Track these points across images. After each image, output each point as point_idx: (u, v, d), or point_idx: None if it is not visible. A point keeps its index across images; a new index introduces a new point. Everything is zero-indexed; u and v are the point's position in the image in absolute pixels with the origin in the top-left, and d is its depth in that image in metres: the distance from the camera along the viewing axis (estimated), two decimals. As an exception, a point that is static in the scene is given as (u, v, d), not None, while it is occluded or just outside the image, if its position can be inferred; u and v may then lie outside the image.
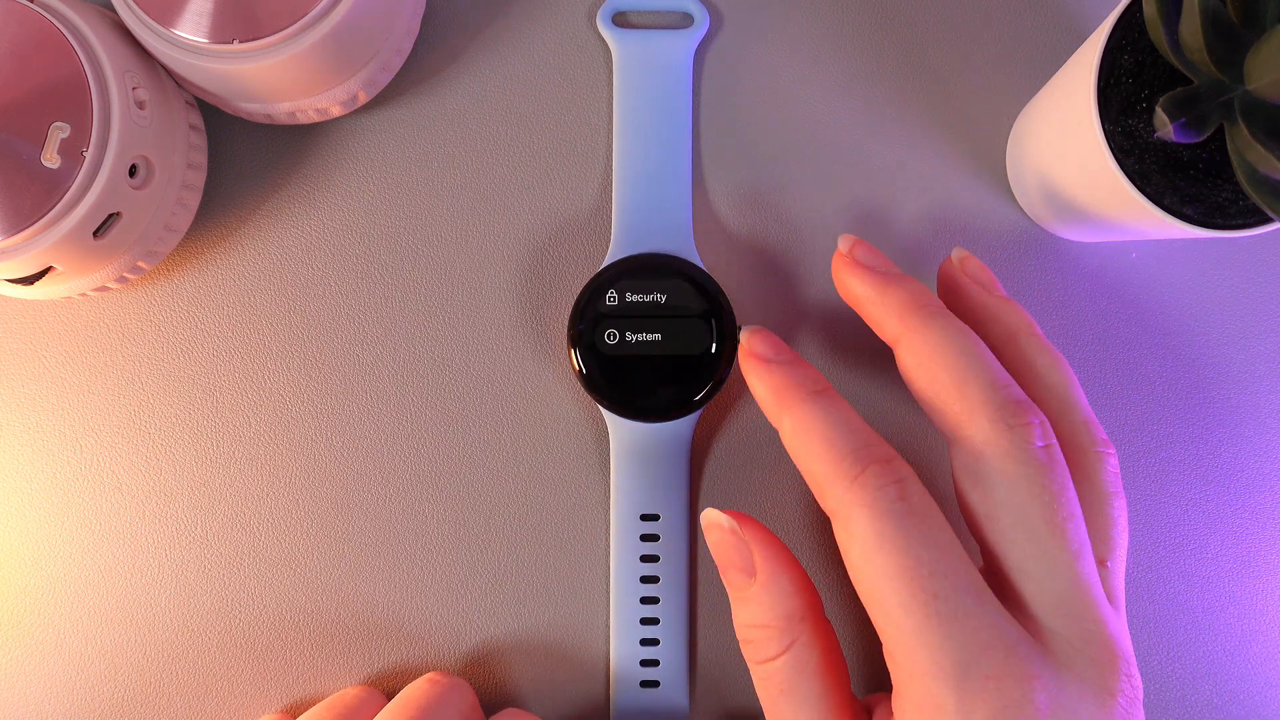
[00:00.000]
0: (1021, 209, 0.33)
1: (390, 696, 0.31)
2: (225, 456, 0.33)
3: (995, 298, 0.28)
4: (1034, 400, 0.26)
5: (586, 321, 0.30)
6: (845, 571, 0.32)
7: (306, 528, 0.33)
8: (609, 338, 0.30)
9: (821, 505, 0.25)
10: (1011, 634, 0.23)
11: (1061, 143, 0.28)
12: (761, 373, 0.27)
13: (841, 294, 0.28)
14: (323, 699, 0.32)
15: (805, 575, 0.27)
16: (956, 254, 0.29)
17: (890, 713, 0.25)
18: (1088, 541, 0.24)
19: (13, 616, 0.32)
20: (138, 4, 0.28)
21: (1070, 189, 0.29)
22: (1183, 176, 0.26)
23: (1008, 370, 0.26)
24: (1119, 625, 0.24)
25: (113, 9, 0.29)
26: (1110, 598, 0.25)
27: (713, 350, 0.30)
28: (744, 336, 0.28)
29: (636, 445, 0.32)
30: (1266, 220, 0.26)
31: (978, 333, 0.26)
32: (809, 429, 0.25)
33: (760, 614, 0.26)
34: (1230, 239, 0.33)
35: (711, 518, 0.28)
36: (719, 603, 0.33)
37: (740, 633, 0.27)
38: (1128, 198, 0.26)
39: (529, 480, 0.33)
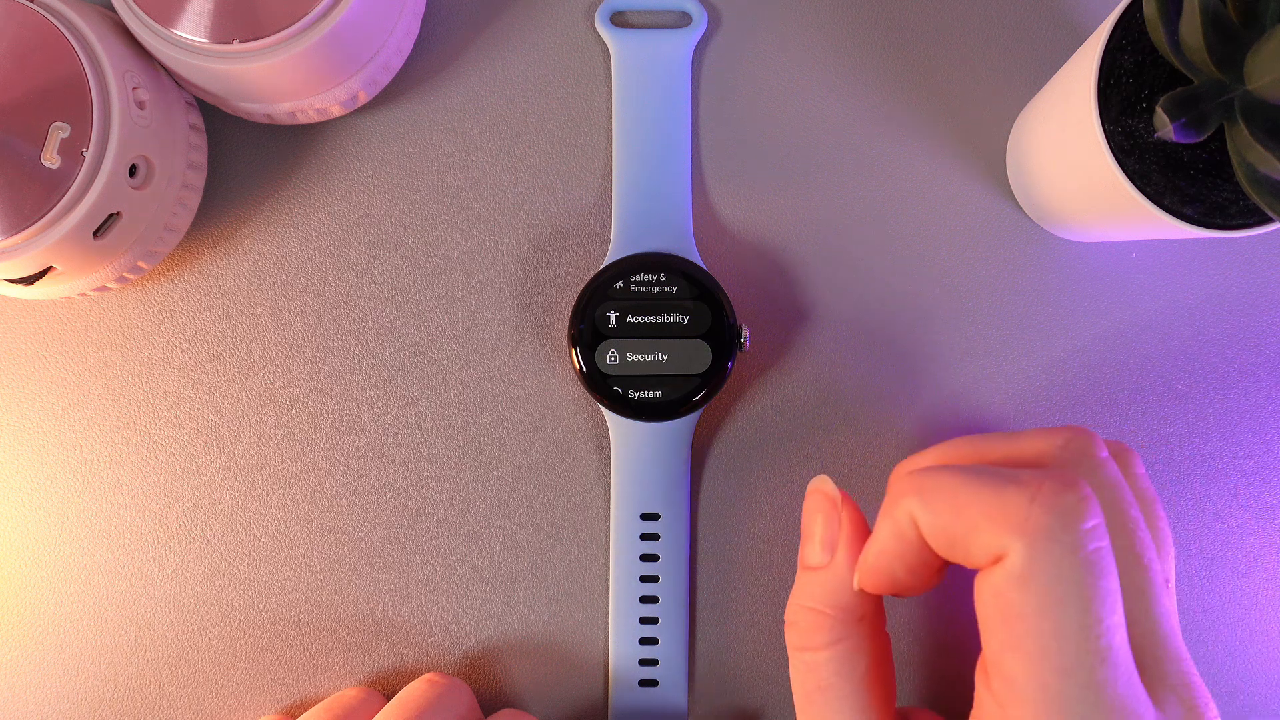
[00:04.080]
0: (1021, 209, 0.33)
1: (389, 697, 0.31)
2: (225, 456, 0.33)
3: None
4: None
5: (586, 321, 0.30)
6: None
7: (306, 528, 0.33)
8: (609, 338, 0.30)
9: (981, 557, 0.21)
10: (1144, 703, 0.21)
11: (1061, 143, 0.28)
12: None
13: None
14: (322, 699, 0.32)
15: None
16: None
17: None
18: (1162, 571, 0.23)
19: (13, 616, 0.32)
20: (138, 4, 0.28)
21: (1070, 189, 0.29)
22: (1183, 176, 0.26)
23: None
24: (1188, 658, 0.23)
25: (113, 9, 0.29)
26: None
27: (714, 349, 0.30)
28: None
29: (636, 445, 0.32)
30: (1266, 220, 0.26)
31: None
32: (941, 488, 0.22)
33: (820, 597, 0.25)
34: (1230, 239, 0.33)
35: (819, 483, 0.26)
36: (719, 603, 0.33)
37: (791, 614, 0.26)
38: (1128, 198, 0.26)
39: (529, 480, 0.33)
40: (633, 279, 0.31)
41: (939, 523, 0.22)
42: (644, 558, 0.32)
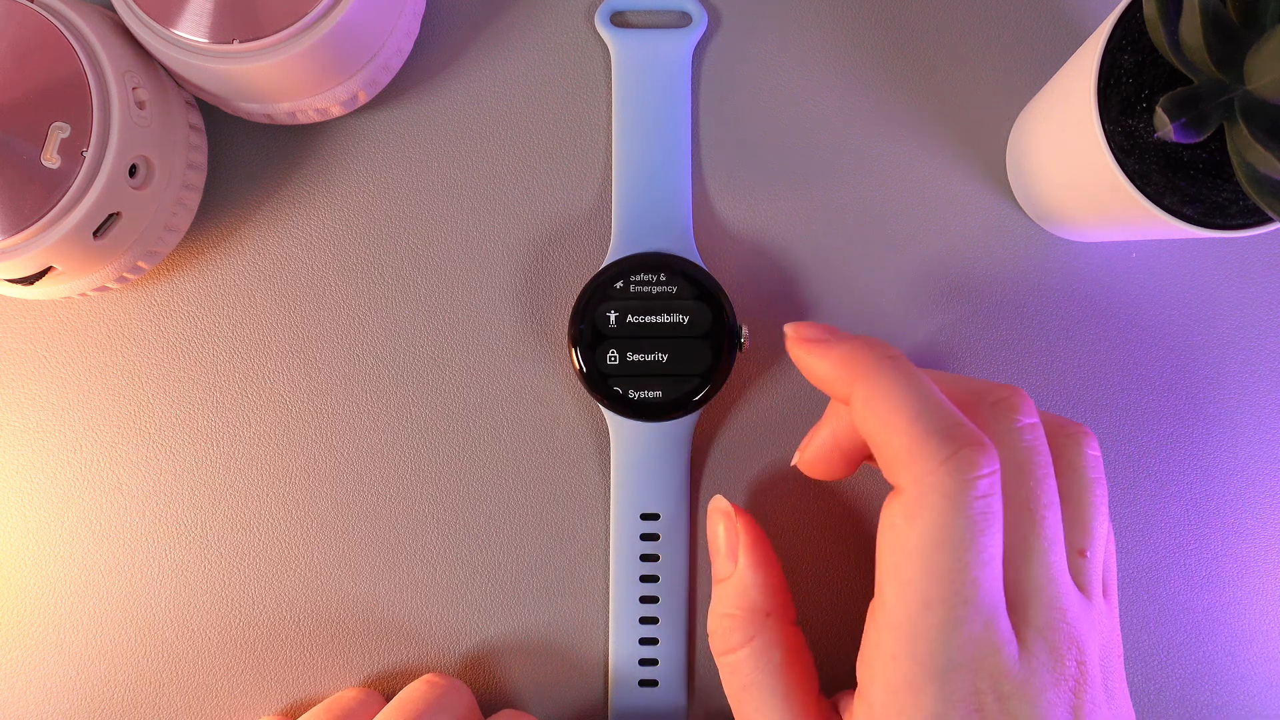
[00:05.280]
0: (1021, 209, 0.33)
1: (389, 697, 0.31)
2: (225, 456, 0.33)
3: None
4: None
5: (587, 321, 0.30)
6: (841, 570, 0.32)
7: (306, 528, 0.33)
8: (609, 337, 0.30)
9: (889, 477, 0.24)
10: (1003, 638, 0.23)
11: (1061, 143, 0.28)
12: (820, 352, 0.26)
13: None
14: (322, 699, 0.32)
15: (782, 579, 0.28)
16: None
17: (854, 702, 0.26)
18: (1061, 531, 0.25)
19: (13, 616, 0.32)
20: (138, 4, 0.28)
21: (1070, 189, 0.29)
22: (1183, 176, 0.26)
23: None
24: (1083, 614, 0.24)
25: (113, 9, 0.29)
26: (1085, 587, 0.25)
27: (714, 349, 0.30)
28: (788, 329, 0.28)
29: (636, 445, 0.32)
30: (1266, 220, 0.26)
31: None
32: (887, 397, 0.24)
33: (730, 603, 0.27)
34: (1230, 239, 0.33)
35: (716, 502, 0.29)
36: (719, 603, 0.33)
37: (710, 624, 0.28)
38: (1128, 198, 0.26)
39: (529, 480, 0.33)
40: (633, 279, 0.31)
41: (871, 428, 0.24)
42: (644, 558, 0.32)
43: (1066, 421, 0.27)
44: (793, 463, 0.29)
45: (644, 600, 0.32)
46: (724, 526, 0.28)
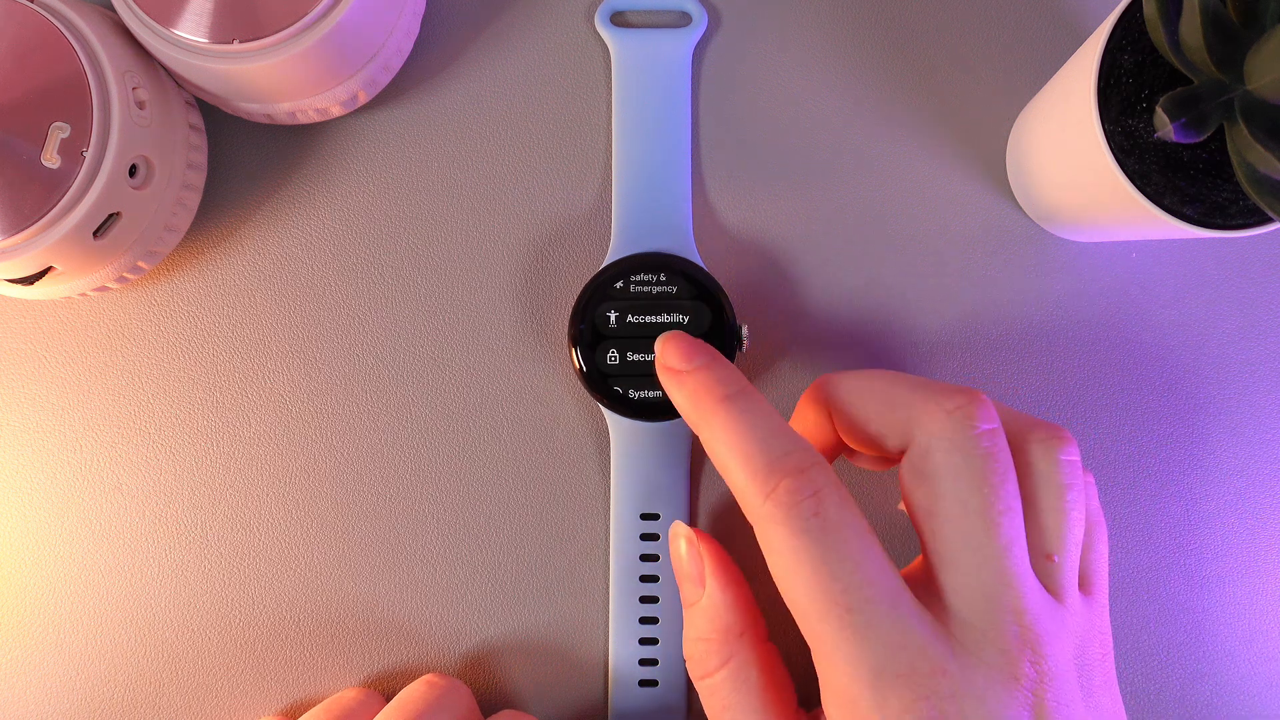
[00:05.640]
0: (1021, 209, 0.33)
1: (389, 698, 0.31)
2: (225, 456, 0.33)
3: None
4: None
5: (587, 321, 0.30)
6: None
7: (306, 528, 0.33)
8: (609, 337, 0.30)
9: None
10: (924, 634, 0.23)
11: (1061, 143, 0.28)
12: (675, 385, 0.28)
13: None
14: (322, 699, 0.32)
15: (750, 596, 0.28)
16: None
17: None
18: (1022, 534, 0.25)
19: (13, 616, 0.32)
20: (138, 4, 0.28)
21: (1070, 189, 0.29)
22: (1183, 176, 0.26)
23: None
24: (1048, 616, 0.24)
25: (113, 9, 0.29)
26: (1056, 590, 0.25)
27: (713, 350, 0.30)
28: (658, 346, 0.29)
29: (636, 445, 0.32)
30: (1266, 220, 0.26)
31: None
32: (724, 439, 0.26)
33: (703, 628, 0.28)
34: (1230, 239, 0.33)
35: (676, 529, 0.29)
36: (719, 603, 0.33)
37: (686, 650, 0.28)
38: (1128, 198, 0.26)
39: (529, 480, 0.33)
40: (633, 279, 0.31)
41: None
42: (644, 558, 0.32)
43: (1040, 424, 0.27)
44: None
45: (644, 600, 0.32)
46: (687, 550, 0.28)
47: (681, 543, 0.29)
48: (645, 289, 0.31)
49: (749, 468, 0.25)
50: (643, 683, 0.32)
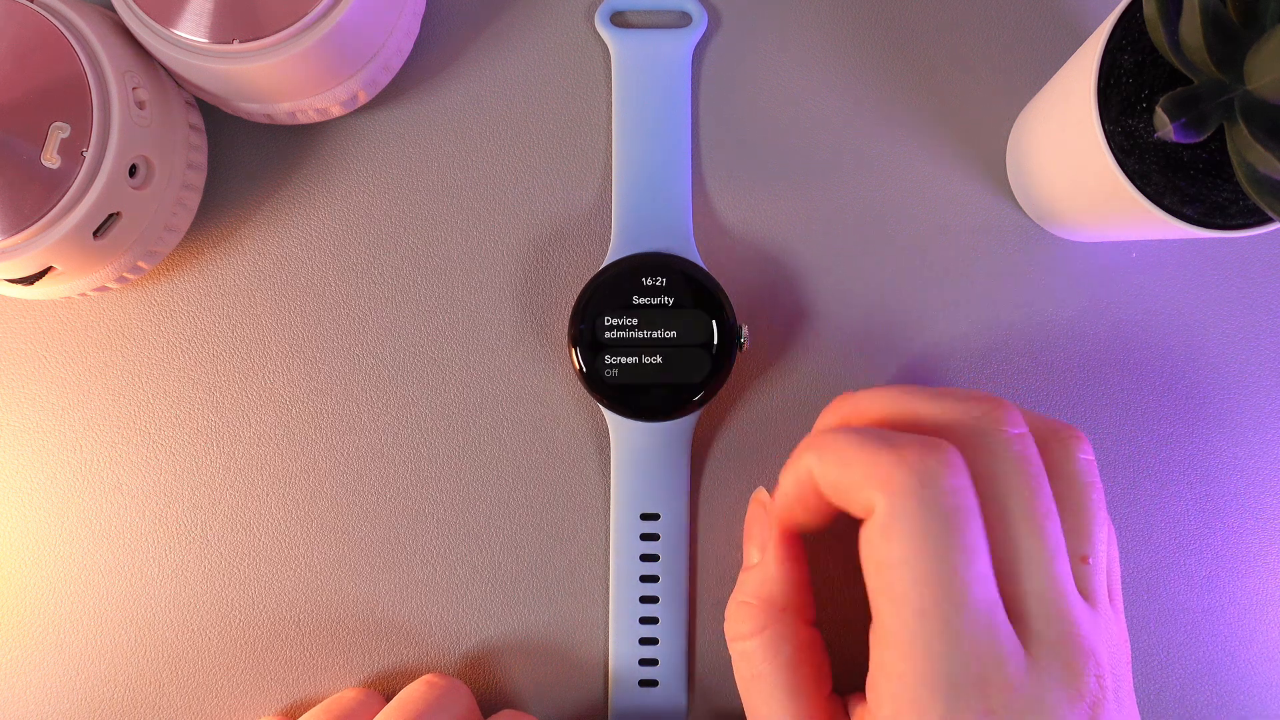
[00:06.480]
0: (1021, 209, 0.33)
1: (389, 698, 0.31)
2: (225, 456, 0.33)
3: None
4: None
5: (587, 321, 0.30)
6: (846, 575, 0.32)
7: (306, 528, 0.33)
8: (609, 338, 0.30)
9: (852, 508, 0.25)
10: (1007, 647, 0.23)
11: (1061, 143, 0.28)
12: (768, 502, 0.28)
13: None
14: (322, 699, 0.32)
15: (805, 580, 0.28)
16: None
17: (864, 708, 0.25)
18: (1063, 540, 0.24)
19: (13, 616, 0.32)
20: (138, 4, 0.28)
21: (1070, 189, 0.29)
22: (1183, 176, 0.26)
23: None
24: (1093, 625, 0.24)
25: (113, 9, 0.29)
26: (1090, 595, 0.25)
27: (714, 349, 0.30)
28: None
29: (636, 445, 0.32)
30: (1266, 220, 0.26)
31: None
32: (835, 443, 0.25)
33: (750, 591, 0.28)
34: (1230, 239, 0.33)
35: (758, 494, 0.29)
36: (719, 602, 0.33)
37: (727, 609, 0.28)
38: (1128, 198, 0.26)
39: (529, 480, 0.33)
40: (633, 279, 0.31)
41: (829, 475, 0.25)
42: (644, 558, 0.32)
43: (1057, 424, 0.27)
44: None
45: (644, 600, 0.32)
46: (759, 519, 0.28)
47: (754, 506, 0.29)
48: (646, 294, 0.31)
49: (870, 448, 0.24)
50: (643, 683, 0.32)
